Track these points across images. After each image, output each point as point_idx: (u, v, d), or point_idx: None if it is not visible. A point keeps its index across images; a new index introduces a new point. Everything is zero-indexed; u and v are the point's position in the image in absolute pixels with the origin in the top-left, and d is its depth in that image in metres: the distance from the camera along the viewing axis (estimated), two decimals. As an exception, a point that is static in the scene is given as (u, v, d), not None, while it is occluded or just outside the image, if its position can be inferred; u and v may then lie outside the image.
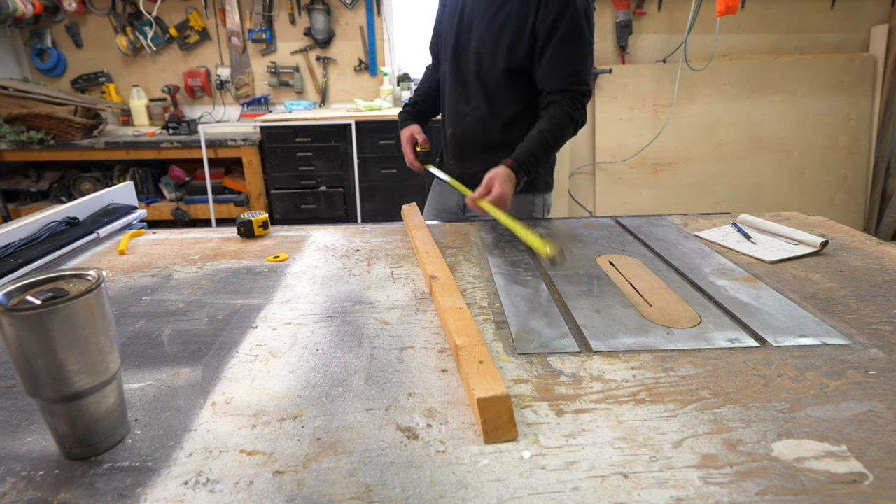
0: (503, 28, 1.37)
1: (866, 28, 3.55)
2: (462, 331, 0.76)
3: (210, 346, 0.79)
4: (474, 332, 0.76)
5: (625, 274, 1.01)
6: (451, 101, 1.50)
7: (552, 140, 1.33)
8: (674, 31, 3.58)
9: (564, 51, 1.34)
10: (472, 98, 1.45)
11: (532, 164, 1.28)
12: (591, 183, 3.74)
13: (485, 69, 1.41)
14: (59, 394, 0.53)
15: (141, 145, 3.24)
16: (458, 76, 1.47)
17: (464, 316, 0.81)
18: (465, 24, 1.44)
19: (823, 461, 0.55)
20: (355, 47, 3.72)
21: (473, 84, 1.43)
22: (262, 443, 0.59)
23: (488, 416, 0.60)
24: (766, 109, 3.54)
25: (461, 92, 1.47)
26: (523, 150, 1.30)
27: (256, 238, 1.25)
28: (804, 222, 1.29)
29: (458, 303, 0.85)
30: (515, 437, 0.60)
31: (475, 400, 0.61)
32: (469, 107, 1.46)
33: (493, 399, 0.60)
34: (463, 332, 0.76)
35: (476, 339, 0.74)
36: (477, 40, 1.41)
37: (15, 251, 1.07)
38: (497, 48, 1.38)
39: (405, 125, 1.58)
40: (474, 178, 1.47)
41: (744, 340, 0.77)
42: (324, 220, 3.40)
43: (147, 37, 3.63)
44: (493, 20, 1.38)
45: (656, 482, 0.53)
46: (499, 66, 1.38)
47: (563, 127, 1.35)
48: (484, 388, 0.62)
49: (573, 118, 1.37)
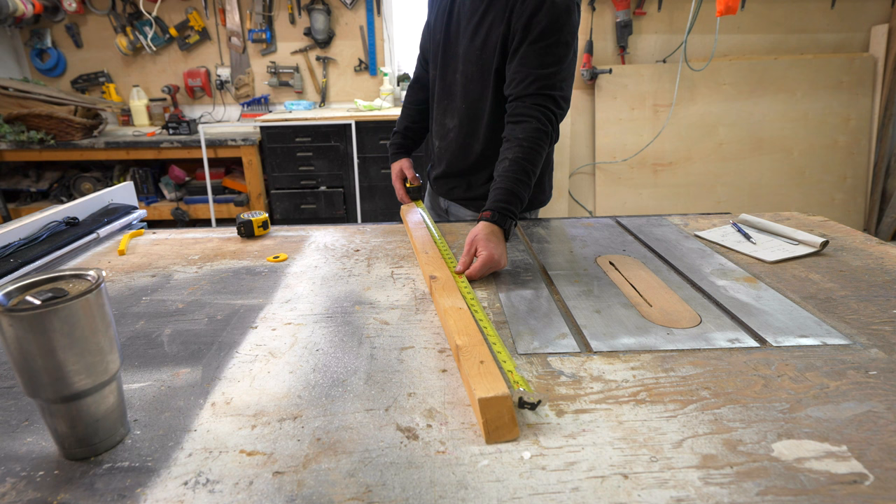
0: (486, 41, 1.24)
1: (866, 28, 3.55)
2: (462, 331, 0.76)
3: (210, 346, 0.79)
4: (475, 332, 0.76)
5: (625, 274, 1.01)
6: (439, 113, 1.42)
7: (529, 168, 1.14)
8: (674, 31, 3.58)
9: (537, 50, 1.17)
10: (457, 114, 1.36)
11: (515, 205, 1.10)
12: (591, 183, 3.74)
13: (471, 89, 1.31)
14: (58, 394, 0.53)
15: (141, 145, 3.24)
16: (444, 87, 1.38)
17: (464, 316, 0.81)
18: (454, 31, 1.33)
19: (824, 461, 0.55)
20: (355, 47, 3.72)
21: (459, 100, 1.34)
22: (261, 443, 0.59)
23: (490, 416, 0.60)
24: (766, 109, 3.54)
25: (448, 105, 1.38)
26: (500, 192, 1.11)
27: (256, 238, 1.25)
28: (804, 222, 1.29)
29: (458, 303, 0.85)
30: (517, 436, 0.60)
31: (476, 400, 0.61)
32: (453, 122, 1.38)
33: (494, 399, 0.60)
34: (463, 332, 0.76)
35: (476, 339, 0.74)
36: (463, 52, 1.30)
37: (15, 251, 1.07)
38: (483, 67, 1.27)
39: (395, 159, 1.53)
40: (452, 193, 1.48)
41: (744, 340, 0.77)
42: (324, 220, 3.40)
43: (147, 37, 3.63)
44: (477, 30, 1.26)
45: (656, 482, 0.52)
46: (487, 88, 1.28)
47: (535, 150, 1.15)
48: (485, 388, 0.62)
49: (546, 134, 1.17)
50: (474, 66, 1.29)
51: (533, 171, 1.14)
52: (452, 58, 1.35)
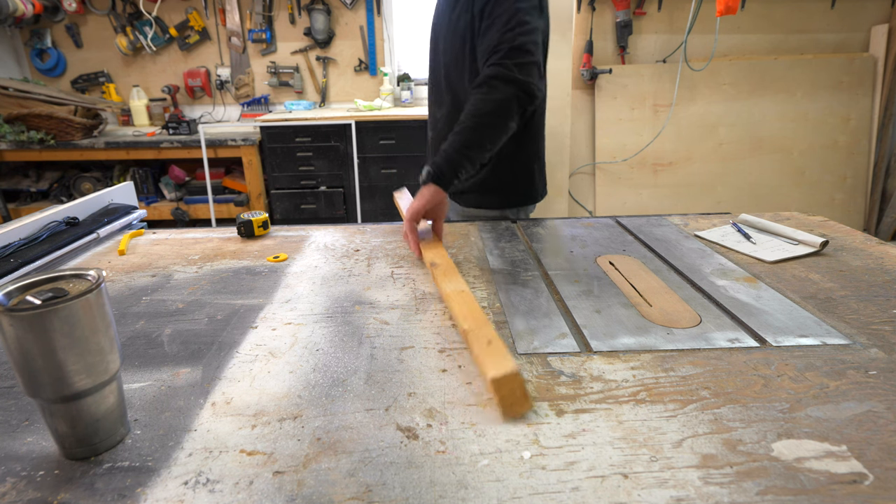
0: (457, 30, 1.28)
1: (866, 28, 3.55)
2: (468, 315, 0.79)
3: (210, 346, 0.79)
4: (480, 314, 0.78)
5: (625, 274, 1.01)
6: (430, 104, 1.48)
7: (471, 123, 1.12)
8: (674, 31, 3.58)
9: (500, 11, 1.16)
10: (444, 103, 1.41)
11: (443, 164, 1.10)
12: (591, 183, 3.74)
13: (453, 79, 1.36)
14: (58, 394, 0.53)
15: (141, 145, 3.24)
16: (434, 78, 1.44)
17: (468, 299, 0.83)
18: (438, 23, 1.40)
19: (823, 461, 0.55)
20: (355, 47, 3.72)
21: (444, 90, 1.39)
22: (262, 443, 0.59)
23: (503, 393, 0.62)
24: (766, 109, 3.54)
25: (436, 96, 1.44)
26: (441, 150, 1.12)
27: (256, 238, 1.25)
28: (804, 222, 1.29)
29: (460, 286, 0.87)
30: (532, 407, 0.63)
31: (489, 380, 0.63)
32: (441, 112, 1.42)
33: (505, 377, 0.62)
34: (469, 315, 0.79)
35: (482, 321, 0.76)
36: (444, 43, 1.36)
37: (15, 251, 1.07)
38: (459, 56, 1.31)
39: None
40: None
41: (744, 340, 0.77)
42: (324, 220, 3.40)
43: (147, 37, 3.63)
44: (451, 21, 1.30)
45: (656, 482, 0.52)
46: (464, 75, 1.32)
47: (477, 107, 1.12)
48: (496, 368, 0.64)
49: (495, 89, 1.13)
50: (451, 56, 1.34)
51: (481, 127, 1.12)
52: (437, 49, 1.40)
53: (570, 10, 3.26)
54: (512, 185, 1.44)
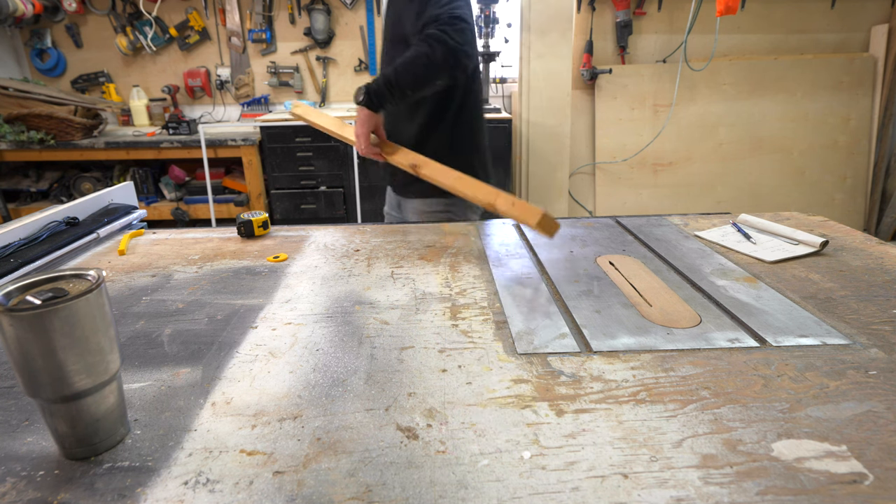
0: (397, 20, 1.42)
1: (866, 28, 3.55)
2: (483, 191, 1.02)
3: (210, 346, 0.79)
4: (491, 188, 1.02)
5: (625, 274, 1.01)
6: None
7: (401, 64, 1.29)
8: (674, 31, 3.58)
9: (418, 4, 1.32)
10: None
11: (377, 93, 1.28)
12: (591, 183, 3.74)
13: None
14: (58, 394, 0.53)
15: (141, 145, 3.24)
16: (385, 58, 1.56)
17: (472, 181, 0.99)
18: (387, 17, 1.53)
19: (823, 461, 0.55)
20: (355, 47, 3.72)
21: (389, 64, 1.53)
22: (262, 443, 0.59)
23: (544, 224, 0.95)
24: (766, 109, 3.54)
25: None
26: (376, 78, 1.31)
27: (256, 238, 1.25)
28: (804, 222, 1.29)
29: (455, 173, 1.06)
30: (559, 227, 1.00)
31: (538, 219, 0.96)
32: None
33: (543, 216, 0.95)
34: (483, 191, 1.01)
35: (496, 191, 1.01)
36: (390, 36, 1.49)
37: (15, 251, 1.07)
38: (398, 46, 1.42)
39: None
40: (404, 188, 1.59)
41: (744, 340, 0.77)
42: (324, 220, 3.40)
43: (147, 37, 3.63)
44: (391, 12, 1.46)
45: (656, 482, 0.52)
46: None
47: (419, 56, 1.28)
48: (533, 216, 0.95)
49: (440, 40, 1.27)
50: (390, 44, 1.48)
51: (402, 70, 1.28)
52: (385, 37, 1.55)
53: (570, 10, 3.26)
54: None
